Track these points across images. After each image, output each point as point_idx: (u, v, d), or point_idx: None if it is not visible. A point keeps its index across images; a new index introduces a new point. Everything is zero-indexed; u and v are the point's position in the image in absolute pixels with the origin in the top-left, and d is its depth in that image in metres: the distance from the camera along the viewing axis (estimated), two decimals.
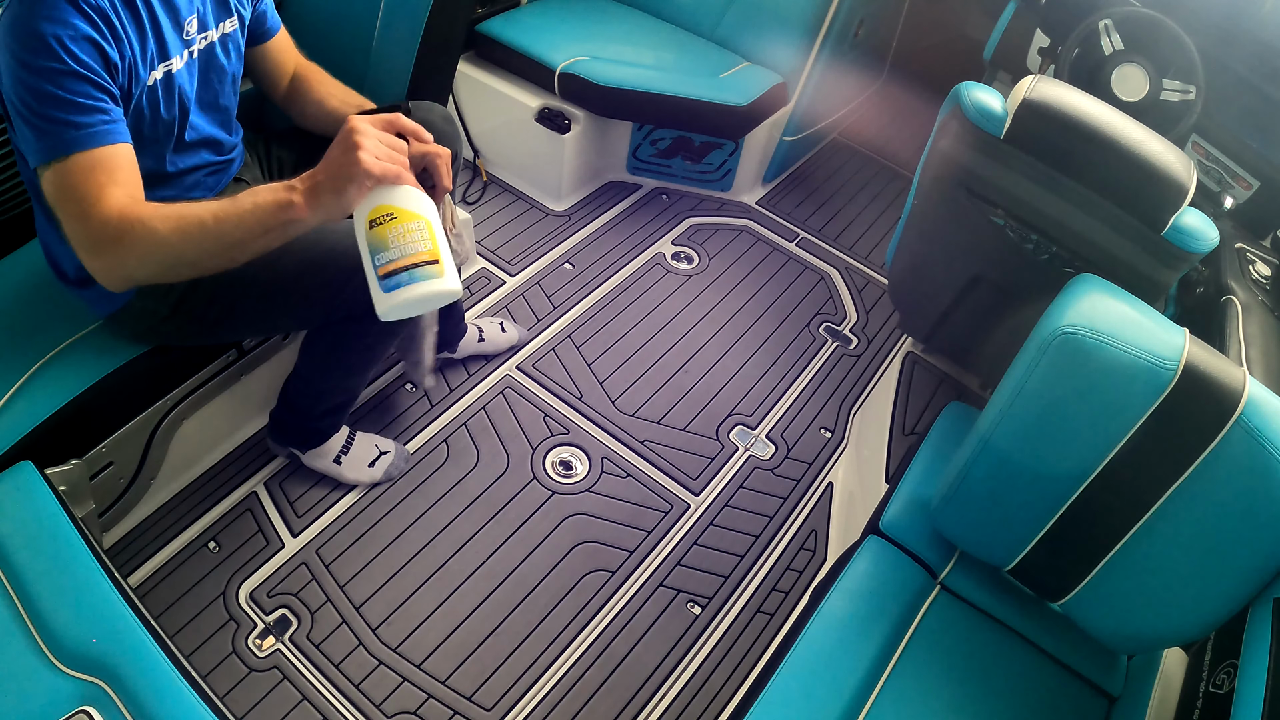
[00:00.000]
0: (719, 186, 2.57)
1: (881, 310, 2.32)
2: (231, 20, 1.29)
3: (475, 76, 2.35)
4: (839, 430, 2.02)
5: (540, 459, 1.84)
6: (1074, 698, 1.29)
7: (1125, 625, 1.22)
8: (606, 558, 1.70)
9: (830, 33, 2.36)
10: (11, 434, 1.25)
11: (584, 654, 1.57)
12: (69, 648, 1.05)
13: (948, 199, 1.58)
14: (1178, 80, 1.89)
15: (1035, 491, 1.20)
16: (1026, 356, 1.16)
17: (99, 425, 1.40)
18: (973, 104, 1.46)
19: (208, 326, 1.39)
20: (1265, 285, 1.69)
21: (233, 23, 1.29)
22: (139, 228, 1.03)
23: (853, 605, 1.28)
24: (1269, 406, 1.11)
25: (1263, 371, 1.47)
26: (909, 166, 2.82)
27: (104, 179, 1.03)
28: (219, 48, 1.27)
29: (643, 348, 2.10)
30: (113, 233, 1.03)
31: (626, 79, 2.21)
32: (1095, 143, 1.41)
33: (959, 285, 1.71)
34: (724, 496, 1.85)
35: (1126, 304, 1.20)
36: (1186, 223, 1.38)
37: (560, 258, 2.28)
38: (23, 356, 1.31)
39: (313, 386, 1.59)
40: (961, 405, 1.62)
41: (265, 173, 1.51)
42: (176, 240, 1.05)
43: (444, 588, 1.61)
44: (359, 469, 1.71)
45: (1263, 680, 0.99)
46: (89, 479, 1.40)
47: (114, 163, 1.05)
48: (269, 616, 1.52)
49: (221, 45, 1.27)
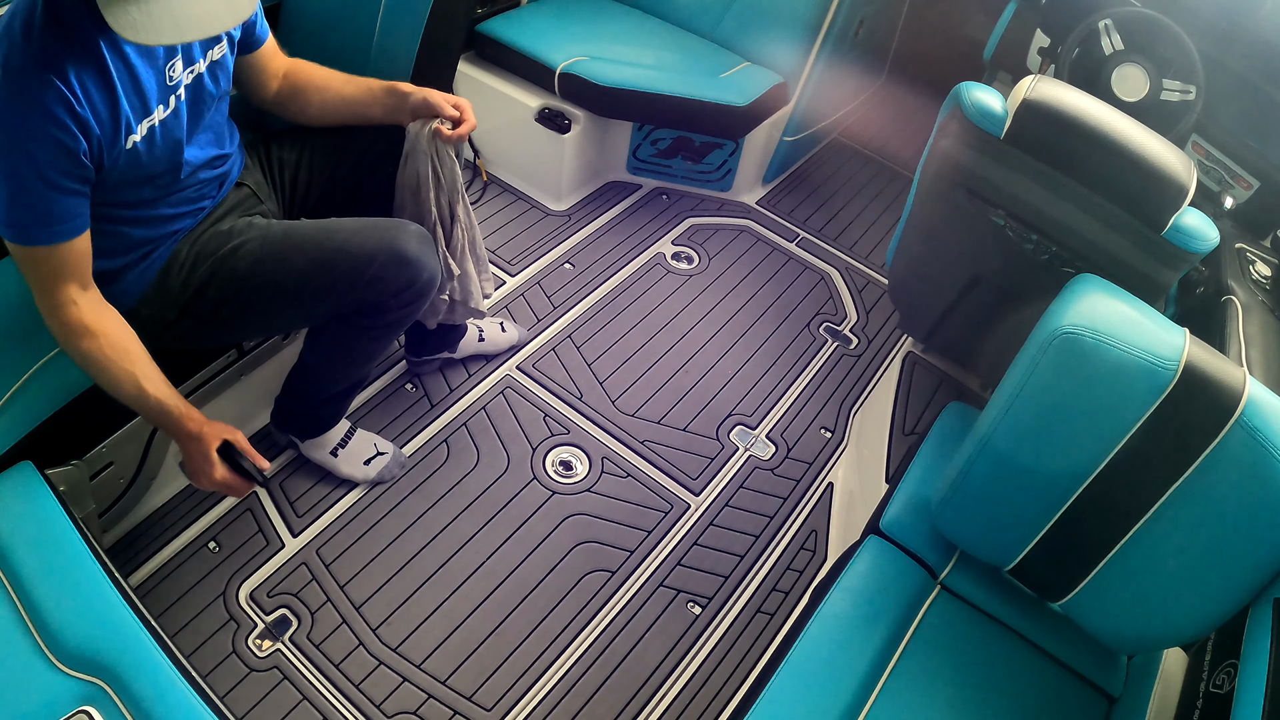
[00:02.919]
0: (719, 186, 2.57)
1: (881, 310, 2.32)
2: (220, 46, 1.26)
3: (475, 76, 2.35)
4: (839, 430, 2.02)
5: (540, 459, 1.84)
6: (1074, 698, 1.29)
7: (1125, 625, 1.22)
8: (606, 558, 1.70)
9: (830, 33, 2.36)
10: (11, 434, 1.25)
11: (584, 654, 1.57)
12: (69, 648, 1.05)
13: (948, 199, 1.58)
14: (1178, 80, 1.89)
15: (1035, 492, 1.20)
16: (1026, 356, 1.16)
17: (99, 425, 1.40)
18: (973, 104, 1.46)
19: (216, 328, 1.40)
20: (1265, 285, 1.69)
21: (221, 48, 1.27)
22: (72, 343, 1.17)
23: (853, 605, 1.28)
24: (1269, 406, 1.11)
25: (1263, 371, 1.47)
26: (909, 166, 2.81)
27: (57, 268, 1.13)
28: (207, 77, 1.25)
29: (643, 348, 2.10)
30: (57, 330, 1.17)
31: (627, 79, 2.21)
32: (1095, 143, 1.41)
33: (959, 285, 1.71)
34: (724, 496, 1.85)
35: (1126, 304, 1.20)
36: (1186, 223, 1.38)
37: (560, 258, 2.28)
38: (23, 356, 1.31)
39: (316, 374, 1.59)
40: (961, 405, 1.62)
41: (267, 175, 1.50)
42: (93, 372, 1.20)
43: (444, 588, 1.61)
44: (354, 464, 1.71)
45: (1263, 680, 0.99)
46: (89, 479, 1.40)
47: (68, 255, 1.13)
48: (269, 616, 1.52)
49: (210, 74, 1.25)
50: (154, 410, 1.22)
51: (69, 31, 1.04)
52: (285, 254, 1.36)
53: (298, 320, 1.50)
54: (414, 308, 1.48)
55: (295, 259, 1.36)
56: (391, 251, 1.38)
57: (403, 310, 1.46)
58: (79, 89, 1.05)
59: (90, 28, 1.05)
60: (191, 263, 1.34)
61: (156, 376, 1.22)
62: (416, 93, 1.45)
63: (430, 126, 1.44)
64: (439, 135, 1.44)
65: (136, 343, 1.21)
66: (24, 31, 1.02)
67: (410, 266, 1.41)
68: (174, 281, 1.34)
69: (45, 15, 1.02)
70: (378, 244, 1.38)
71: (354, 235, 1.39)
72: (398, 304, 1.44)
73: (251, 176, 1.46)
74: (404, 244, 1.40)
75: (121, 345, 1.19)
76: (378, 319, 1.45)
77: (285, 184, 1.51)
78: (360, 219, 1.43)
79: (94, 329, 1.16)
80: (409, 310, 1.47)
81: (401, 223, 1.44)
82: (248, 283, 1.34)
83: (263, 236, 1.36)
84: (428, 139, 1.44)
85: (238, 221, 1.38)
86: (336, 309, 1.42)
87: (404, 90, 1.45)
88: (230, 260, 1.34)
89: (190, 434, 1.24)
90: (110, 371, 1.18)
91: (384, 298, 1.42)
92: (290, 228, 1.39)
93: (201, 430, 1.25)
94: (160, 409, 1.22)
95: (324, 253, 1.37)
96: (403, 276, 1.41)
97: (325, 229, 1.40)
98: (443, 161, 1.48)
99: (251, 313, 1.38)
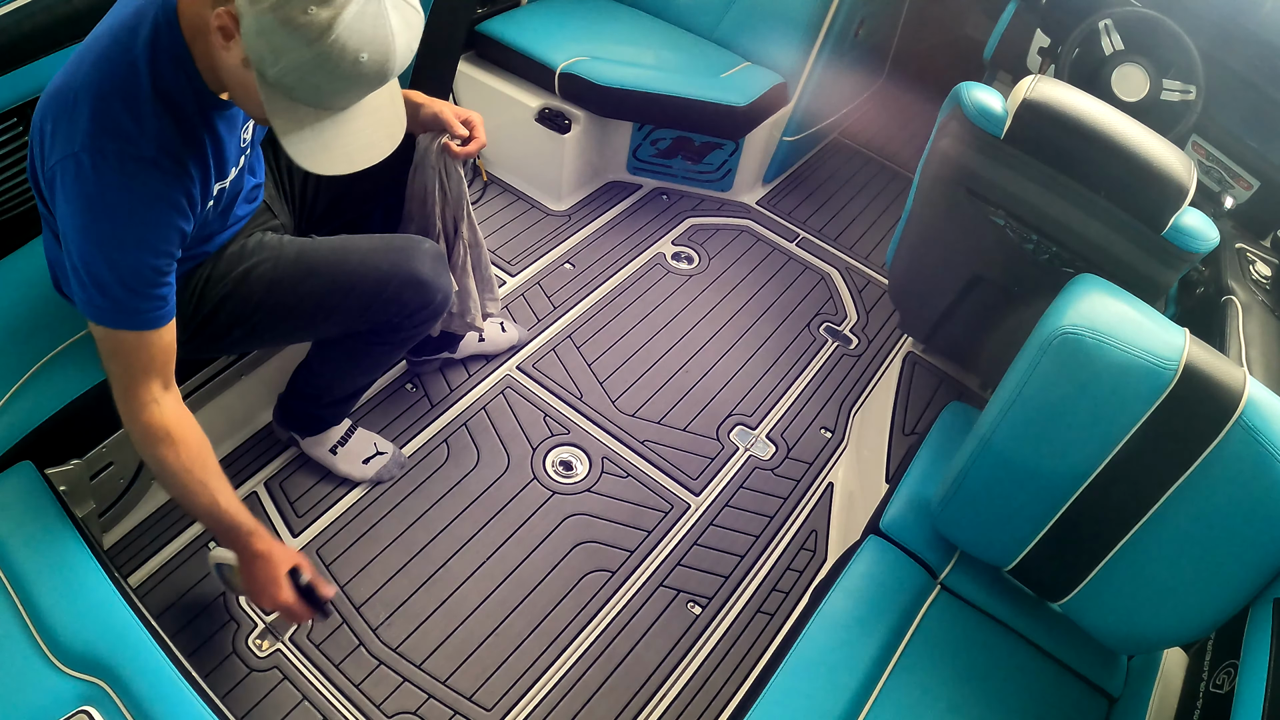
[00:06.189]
0: (719, 186, 2.56)
1: (881, 310, 2.32)
2: None
3: (475, 76, 2.35)
4: (839, 430, 2.02)
5: (540, 459, 1.84)
6: (1074, 698, 1.29)
7: (1125, 625, 1.22)
8: (607, 558, 1.70)
9: (830, 33, 2.36)
10: (11, 434, 1.25)
11: (584, 654, 1.57)
12: (69, 648, 1.05)
13: (948, 199, 1.58)
14: (1178, 80, 1.89)
15: (1035, 491, 1.20)
16: (1026, 356, 1.16)
17: (99, 425, 1.39)
18: (973, 104, 1.46)
19: (225, 345, 1.39)
20: (1265, 285, 1.69)
21: None
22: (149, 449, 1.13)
23: (853, 605, 1.28)
24: (1269, 406, 1.11)
25: (1263, 371, 1.47)
26: (909, 166, 2.81)
27: (145, 360, 1.10)
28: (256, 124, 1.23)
29: (643, 348, 2.10)
30: (138, 433, 1.12)
31: (627, 79, 2.21)
32: (1095, 143, 1.41)
33: (959, 285, 1.71)
34: (724, 496, 1.85)
35: (1126, 304, 1.20)
36: (1186, 223, 1.38)
37: (560, 258, 2.28)
38: (23, 356, 1.31)
39: (323, 381, 1.59)
40: (961, 405, 1.62)
41: (278, 185, 1.48)
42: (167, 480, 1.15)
43: (444, 588, 1.61)
44: (353, 463, 1.71)
45: (1263, 680, 0.99)
46: (89, 479, 1.40)
47: (157, 345, 1.10)
48: (269, 617, 1.51)
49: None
50: (224, 525, 1.18)
51: (180, 115, 1.01)
52: (299, 277, 1.34)
53: (309, 338, 1.51)
54: (427, 326, 1.48)
55: (309, 282, 1.35)
56: (407, 275, 1.38)
57: (415, 329, 1.47)
58: (194, 172, 1.05)
59: (195, 108, 1.03)
60: (204, 286, 1.31)
61: (229, 490, 1.18)
62: (428, 105, 1.42)
63: (439, 141, 1.43)
64: (448, 151, 1.43)
65: (211, 452, 1.17)
66: (133, 118, 0.98)
67: (425, 289, 1.41)
68: (186, 305, 1.29)
69: (156, 99, 0.99)
70: (392, 267, 1.38)
71: (368, 257, 1.38)
72: (411, 324, 1.44)
73: (266, 190, 1.44)
74: (418, 266, 1.39)
75: (200, 455, 1.15)
76: (390, 336, 1.46)
77: (295, 193, 1.50)
78: (373, 237, 1.42)
79: (175, 435, 1.12)
80: (422, 329, 1.48)
81: (415, 242, 1.43)
82: (261, 305, 1.33)
83: (275, 258, 1.33)
84: (436, 154, 1.44)
85: (249, 240, 1.34)
86: (350, 329, 1.43)
87: (416, 100, 1.42)
88: (244, 284, 1.31)
89: (258, 552, 1.20)
90: (184, 482, 1.14)
91: (398, 318, 1.42)
92: (303, 248, 1.37)
93: (271, 550, 1.21)
94: (232, 524, 1.18)
95: (338, 276, 1.36)
96: (417, 299, 1.41)
97: (339, 250, 1.38)
98: (450, 177, 1.48)
99: (263, 332, 1.37)
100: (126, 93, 0.98)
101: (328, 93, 0.94)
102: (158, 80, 0.99)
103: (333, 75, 0.91)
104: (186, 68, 1.01)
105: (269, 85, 0.93)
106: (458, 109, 1.46)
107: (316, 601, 1.25)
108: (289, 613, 1.24)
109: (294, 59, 0.89)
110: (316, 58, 0.89)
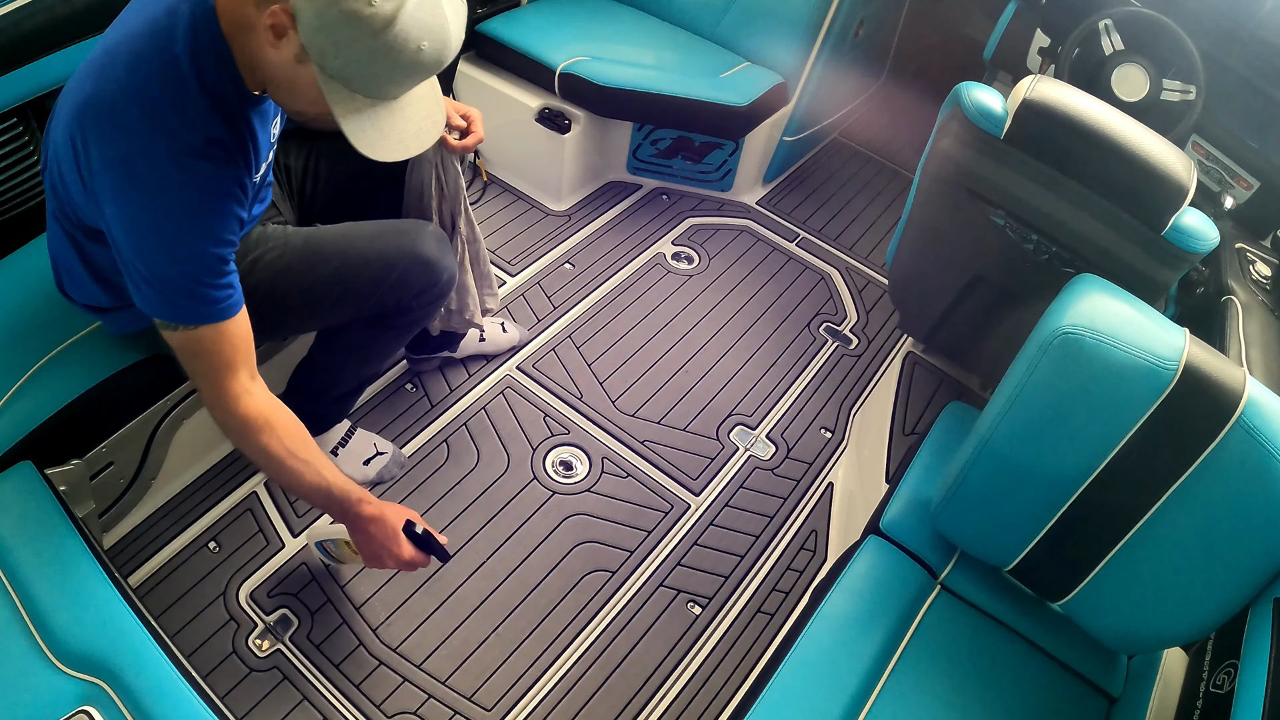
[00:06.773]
0: (719, 186, 2.56)
1: (881, 310, 2.32)
2: None
3: (475, 76, 2.35)
4: (839, 430, 2.02)
5: (540, 459, 1.84)
6: (1074, 698, 1.29)
7: (1125, 625, 1.22)
8: (607, 558, 1.70)
9: (830, 33, 2.36)
10: (11, 434, 1.25)
11: (584, 654, 1.57)
12: (69, 648, 1.06)
13: (948, 199, 1.58)
14: (1178, 80, 1.89)
15: (1035, 492, 1.20)
16: (1026, 356, 1.16)
17: (99, 425, 1.40)
18: (973, 104, 1.46)
19: None
20: (1265, 285, 1.69)
21: None
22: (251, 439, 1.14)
23: (853, 605, 1.28)
24: (1269, 407, 1.11)
25: (1263, 371, 1.47)
26: (909, 166, 2.81)
27: (229, 353, 1.10)
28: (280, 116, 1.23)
29: (643, 348, 2.10)
30: (235, 427, 1.13)
31: (627, 79, 2.21)
32: (1095, 143, 1.41)
33: (959, 285, 1.71)
34: (724, 496, 1.85)
35: (1126, 304, 1.20)
36: (1186, 223, 1.38)
37: (560, 258, 2.28)
38: (23, 356, 1.31)
39: (328, 374, 1.59)
40: (961, 405, 1.62)
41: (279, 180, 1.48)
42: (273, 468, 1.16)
43: (444, 588, 1.61)
44: (354, 464, 1.71)
45: (1263, 680, 0.99)
46: (89, 479, 1.40)
47: (237, 335, 1.11)
48: (269, 616, 1.52)
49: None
50: (335, 497, 1.20)
51: (226, 111, 1.02)
52: (307, 264, 1.35)
53: (318, 325, 1.51)
54: (435, 307, 1.49)
55: (318, 269, 1.35)
56: (413, 256, 1.39)
57: (424, 310, 1.47)
58: (242, 162, 1.06)
59: (238, 103, 1.04)
60: None
61: (330, 463, 1.21)
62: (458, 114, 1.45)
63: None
64: (445, 144, 1.44)
65: (305, 430, 1.19)
66: (180, 117, 0.99)
67: (431, 269, 1.42)
68: None
69: (203, 97, 0.99)
70: (398, 249, 1.39)
71: (374, 241, 1.39)
72: (419, 304, 1.45)
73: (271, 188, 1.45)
74: (424, 246, 1.41)
75: (299, 436, 1.17)
76: (398, 319, 1.46)
77: (295, 189, 1.51)
78: (377, 223, 1.43)
79: (272, 422, 1.14)
80: (430, 310, 1.49)
81: (418, 224, 1.44)
82: (270, 294, 1.33)
83: (282, 247, 1.34)
84: (433, 149, 1.44)
85: (253, 233, 1.35)
86: (358, 313, 1.43)
87: None
88: (251, 273, 1.31)
89: (371, 517, 1.23)
90: (291, 466, 1.15)
91: (406, 299, 1.43)
92: (309, 236, 1.38)
93: (383, 511, 1.24)
94: (343, 495, 1.21)
95: (346, 261, 1.36)
96: (425, 278, 1.42)
97: (345, 236, 1.39)
98: (447, 171, 1.48)
99: (271, 321, 1.36)
100: (173, 93, 0.99)
101: (385, 81, 0.96)
102: (203, 78, 0.99)
103: (394, 65, 0.93)
104: (228, 65, 1.01)
105: (329, 78, 0.94)
106: (456, 104, 1.46)
107: (436, 548, 1.28)
108: (410, 566, 1.27)
109: (357, 50, 0.91)
110: (381, 48, 0.91)
